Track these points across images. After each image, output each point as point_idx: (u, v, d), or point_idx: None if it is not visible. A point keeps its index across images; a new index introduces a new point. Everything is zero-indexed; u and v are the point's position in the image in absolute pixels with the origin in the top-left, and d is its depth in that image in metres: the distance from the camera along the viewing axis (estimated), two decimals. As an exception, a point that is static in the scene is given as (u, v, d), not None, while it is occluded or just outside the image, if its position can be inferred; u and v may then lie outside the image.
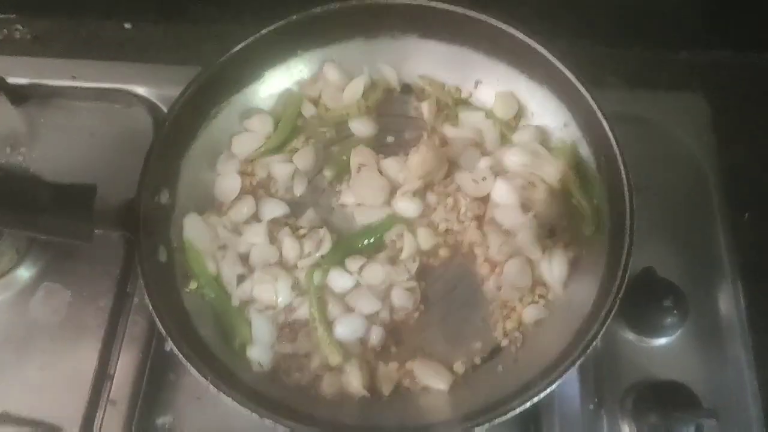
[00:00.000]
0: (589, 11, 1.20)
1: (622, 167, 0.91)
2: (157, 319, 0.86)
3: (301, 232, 1.02)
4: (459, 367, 0.95)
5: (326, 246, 0.99)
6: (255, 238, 1.01)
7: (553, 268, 0.97)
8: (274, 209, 1.03)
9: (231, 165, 1.07)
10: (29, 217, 0.90)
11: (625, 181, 0.90)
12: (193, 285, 0.98)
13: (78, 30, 1.33)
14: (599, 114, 0.94)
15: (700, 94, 1.17)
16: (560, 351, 0.87)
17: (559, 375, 0.82)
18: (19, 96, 1.18)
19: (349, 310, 0.97)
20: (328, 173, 1.08)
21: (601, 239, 0.96)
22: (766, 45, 1.21)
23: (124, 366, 0.99)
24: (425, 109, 1.10)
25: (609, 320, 0.84)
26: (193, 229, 1.00)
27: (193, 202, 1.03)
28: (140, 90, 1.20)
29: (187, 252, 1.00)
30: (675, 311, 0.98)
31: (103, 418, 0.96)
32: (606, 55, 1.23)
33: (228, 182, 1.06)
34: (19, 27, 1.33)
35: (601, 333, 0.84)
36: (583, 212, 1.00)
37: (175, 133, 1.01)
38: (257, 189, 1.07)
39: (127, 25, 1.33)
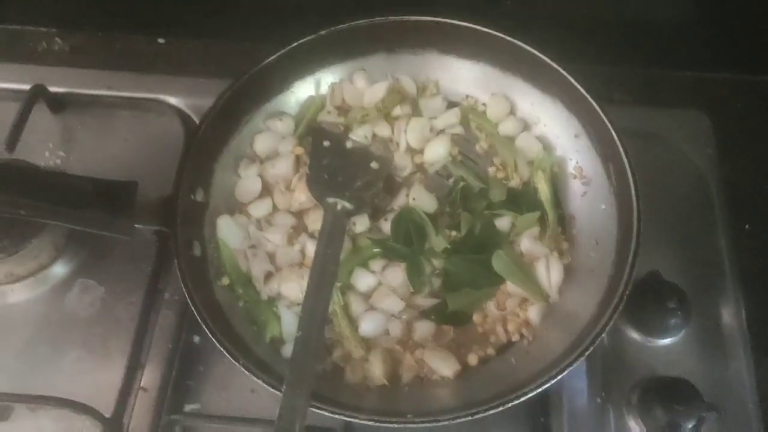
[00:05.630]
0: (598, 32, 1.27)
1: (630, 174, 0.98)
2: (193, 308, 0.91)
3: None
4: (473, 358, 1.00)
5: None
6: (275, 240, 1.06)
7: (551, 273, 1.03)
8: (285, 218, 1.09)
9: (252, 168, 1.12)
10: (73, 210, 0.96)
11: (632, 187, 0.97)
12: (225, 281, 1.03)
13: (113, 43, 1.40)
14: (609, 126, 1.01)
15: (703, 111, 1.23)
16: (570, 344, 0.92)
17: (570, 364, 0.87)
18: (57, 104, 1.24)
19: (372, 308, 1.02)
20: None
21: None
22: (764, 68, 1.28)
23: (155, 356, 1.04)
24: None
25: (617, 312, 0.90)
26: (226, 229, 1.06)
27: (225, 203, 1.09)
28: (172, 100, 1.26)
29: (221, 250, 1.05)
30: (679, 312, 1.03)
31: (134, 404, 1.00)
32: (614, 73, 1.29)
33: (249, 184, 1.11)
34: (58, 40, 1.39)
35: (610, 325, 0.89)
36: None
37: (210, 136, 1.07)
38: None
39: (161, 40, 1.39)
